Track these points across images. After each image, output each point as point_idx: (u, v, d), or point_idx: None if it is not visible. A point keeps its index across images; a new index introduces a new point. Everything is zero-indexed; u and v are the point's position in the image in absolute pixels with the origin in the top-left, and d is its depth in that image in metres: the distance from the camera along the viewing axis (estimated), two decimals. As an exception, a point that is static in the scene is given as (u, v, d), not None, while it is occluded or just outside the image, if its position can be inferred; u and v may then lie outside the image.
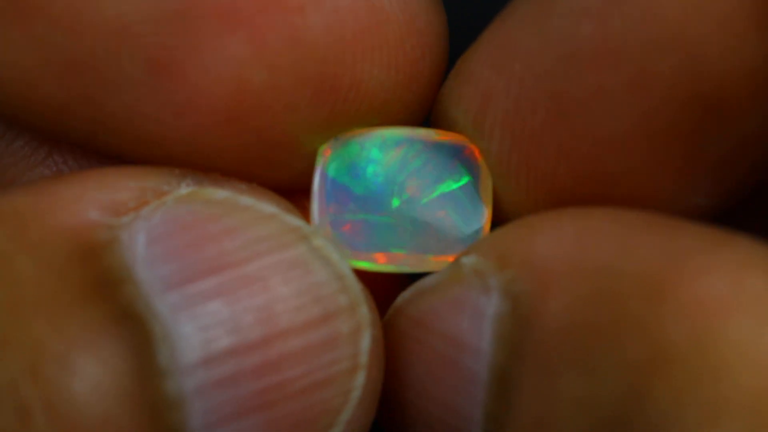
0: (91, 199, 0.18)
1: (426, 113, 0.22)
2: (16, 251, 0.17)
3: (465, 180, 0.20)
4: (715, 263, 0.16)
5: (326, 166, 0.20)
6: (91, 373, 0.16)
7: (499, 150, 0.20)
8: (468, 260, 0.19)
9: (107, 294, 0.17)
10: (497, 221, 0.20)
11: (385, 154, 0.20)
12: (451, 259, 0.20)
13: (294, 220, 0.19)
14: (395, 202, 0.20)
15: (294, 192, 0.21)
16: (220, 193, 0.19)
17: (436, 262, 0.20)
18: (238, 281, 0.18)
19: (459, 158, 0.20)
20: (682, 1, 0.17)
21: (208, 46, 0.19)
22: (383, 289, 0.21)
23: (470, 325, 0.18)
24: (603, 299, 0.17)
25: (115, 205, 0.18)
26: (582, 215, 0.18)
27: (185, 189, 0.19)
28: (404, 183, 0.20)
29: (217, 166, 0.20)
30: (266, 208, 0.19)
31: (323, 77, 0.20)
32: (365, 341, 0.18)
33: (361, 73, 0.20)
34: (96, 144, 0.20)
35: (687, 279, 0.16)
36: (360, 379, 0.18)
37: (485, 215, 0.20)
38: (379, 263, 0.20)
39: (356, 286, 0.19)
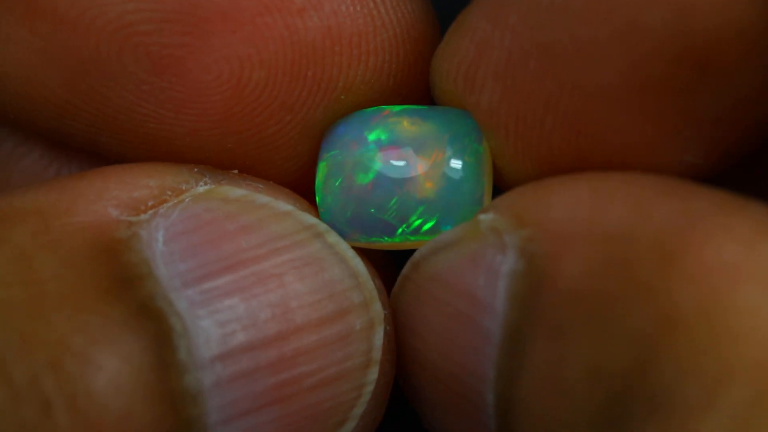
0: (112, 197, 0.18)
1: None
2: (37, 249, 0.17)
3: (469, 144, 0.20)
4: (726, 229, 0.16)
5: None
6: (111, 368, 0.17)
7: (489, 101, 0.20)
8: (485, 217, 0.19)
9: (127, 290, 0.17)
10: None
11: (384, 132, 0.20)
12: None
13: (309, 218, 0.19)
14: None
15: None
16: (236, 191, 0.19)
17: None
18: (255, 278, 0.18)
19: (462, 120, 0.20)
20: None
21: (210, 45, 0.19)
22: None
23: (485, 282, 0.18)
24: (615, 264, 0.17)
25: (134, 203, 0.18)
26: (599, 178, 0.18)
27: (203, 187, 0.19)
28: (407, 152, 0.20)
29: (215, 165, 0.20)
30: (282, 206, 0.19)
31: (318, 78, 0.20)
32: (378, 337, 0.19)
33: (354, 77, 0.20)
34: (98, 146, 0.21)
35: (697, 244, 0.16)
36: (373, 374, 0.19)
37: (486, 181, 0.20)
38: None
39: (369, 283, 0.19)
